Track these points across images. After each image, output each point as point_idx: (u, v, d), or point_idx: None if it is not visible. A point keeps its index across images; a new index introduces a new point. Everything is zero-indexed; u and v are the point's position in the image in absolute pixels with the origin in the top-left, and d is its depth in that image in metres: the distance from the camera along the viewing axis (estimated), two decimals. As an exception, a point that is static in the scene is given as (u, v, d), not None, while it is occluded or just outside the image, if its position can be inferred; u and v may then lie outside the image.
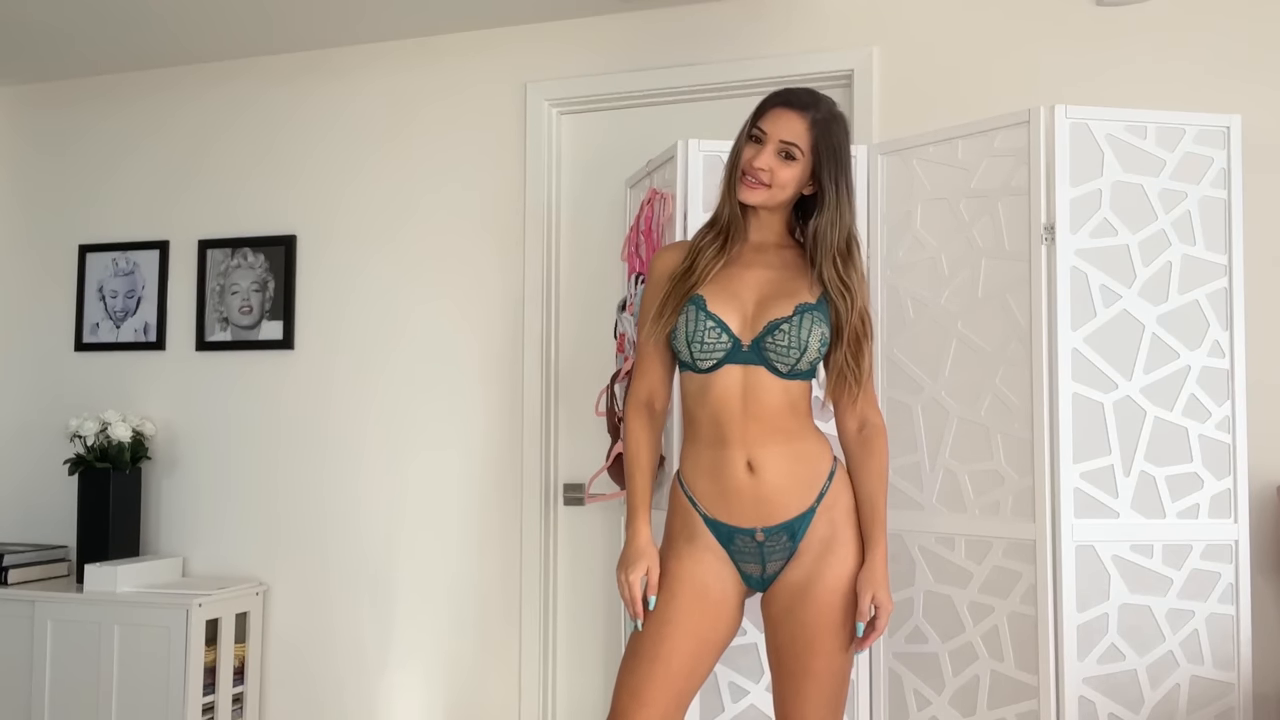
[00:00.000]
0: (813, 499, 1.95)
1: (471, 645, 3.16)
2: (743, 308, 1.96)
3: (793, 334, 1.92)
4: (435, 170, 3.26)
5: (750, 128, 2.00)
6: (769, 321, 1.93)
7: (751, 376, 1.93)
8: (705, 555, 1.97)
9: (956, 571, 2.35)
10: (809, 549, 1.94)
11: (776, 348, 1.92)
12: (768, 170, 1.96)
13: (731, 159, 2.02)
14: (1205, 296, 2.27)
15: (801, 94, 2.00)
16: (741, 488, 1.94)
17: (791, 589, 1.94)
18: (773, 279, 1.99)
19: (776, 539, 1.94)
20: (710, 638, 1.96)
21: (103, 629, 3.07)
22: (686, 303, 1.96)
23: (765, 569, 1.97)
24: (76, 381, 3.58)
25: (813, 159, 1.97)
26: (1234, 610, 2.25)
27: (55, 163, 3.67)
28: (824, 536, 1.94)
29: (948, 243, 2.40)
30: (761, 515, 1.94)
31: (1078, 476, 2.21)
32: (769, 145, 1.96)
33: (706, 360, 1.95)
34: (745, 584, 2.00)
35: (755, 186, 1.98)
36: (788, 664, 1.94)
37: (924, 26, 2.85)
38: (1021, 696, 2.23)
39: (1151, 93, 2.63)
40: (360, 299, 3.31)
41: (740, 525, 1.95)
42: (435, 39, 3.28)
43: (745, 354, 1.94)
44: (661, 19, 3.07)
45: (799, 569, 1.94)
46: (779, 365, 1.93)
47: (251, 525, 3.37)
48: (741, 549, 1.96)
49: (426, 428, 3.23)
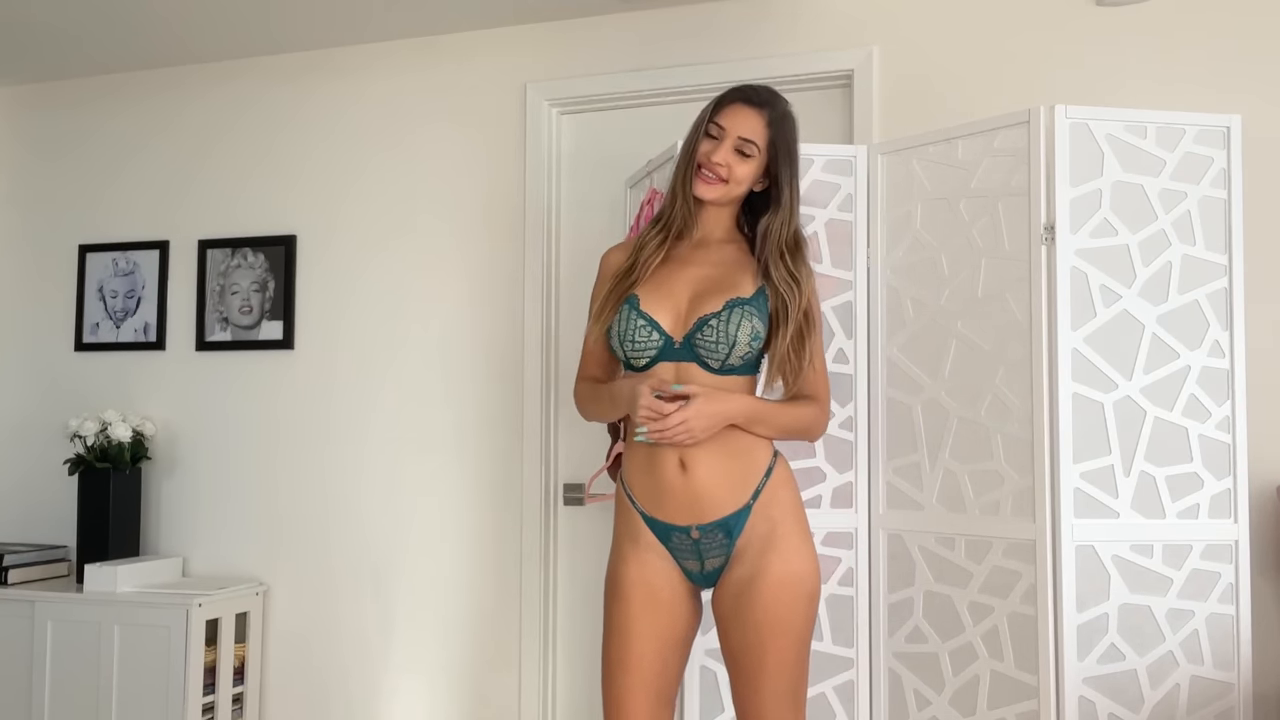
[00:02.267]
0: (748, 496, 1.95)
1: (471, 645, 3.16)
2: (676, 305, 1.98)
3: (721, 329, 1.93)
4: (435, 170, 3.26)
5: (707, 123, 2.01)
6: (699, 318, 1.95)
7: (684, 373, 1.95)
8: (648, 556, 1.99)
9: (956, 571, 2.35)
10: (749, 546, 1.95)
11: (705, 343, 1.94)
12: (725, 166, 1.98)
13: (685, 153, 2.03)
14: (1205, 296, 2.27)
15: (761, 91, 2.03)
16: (674, 486, 1.95)
17: (736, 588, 1.95)
18: (709, 275, 2.01)
19: (712, 537, 1.95)
20: (671, 637, 1.98)
21: (103, 629, 3.07)
22: (622, 302, 1.99)
23: (704, 565, 1.98)
24: (76, 381, 3.58)
25: (768, 156, 2.00)
26: (1234, 610, 2.25)
27: (56, 162, 3.67)
28: (763, 534, 1.94)
29: (948, 243, 2.40)
30: (695, 513, 1.94)
31: (1078, 476, 2.21)
32: (727, 141, 1.98)
33: (639, 358, 1.97)
34: (688, 579, 2.01)
35: (712, 182, 2.00)
36: (741, 663, 1.95)
37: (924, 26, 2.85)
38: (1021, 696, 2.23)
39: (1151, 93, 2.63)
40: (360, 299, 3.31)
41: (676, 523, 1.96)
42: (436, 39, 3.28)
43: (677, 351, 1.96)
44: (662, 19, 3.07)
45: (741, 567, 1.95)
46: (709, 361, 1.94)
47: (251, 525, 3.37)
48: (679, 546, 1.98)
49: (426, 428, 3.23)
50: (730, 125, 1.99)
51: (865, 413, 2.46)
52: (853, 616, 2.43)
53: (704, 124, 2.02)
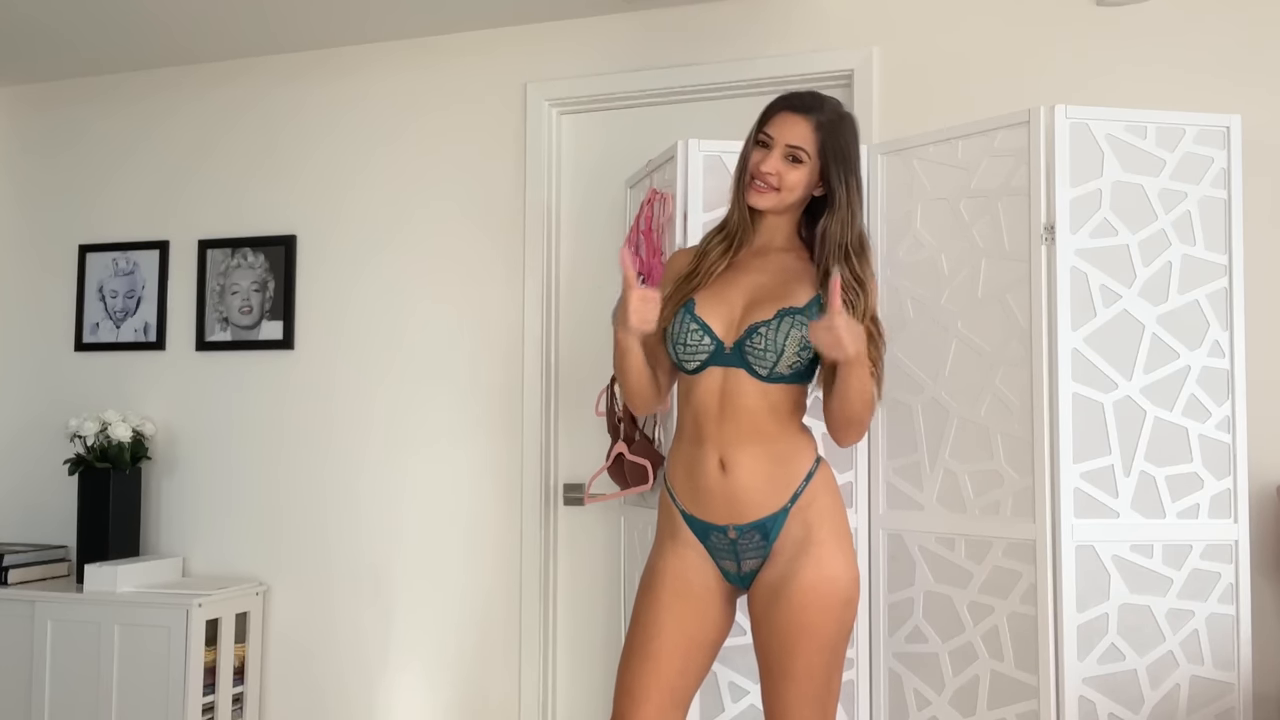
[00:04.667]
0: (786, 499, 1.95)
1: (471, 645, 3.16)
2: (730, 312, 1.99)
3: (770, 337, 1.94)
4: (435, 170, 3.26)
5: (757, 133, 2.03)
6: (750, 325, 1.96)
7: (732, 379, 1.96)
8: (686, 551, 2.00)
9: (956, 571, 2.35)
10: (783, 549, 1.95)
11: (755, 351, 1.95)
12: (775, 174, 1.99)
13: (740, 164, 2.05)
14: (1205, 296, 2.27)
15: (805, 97, 2.03)
16: (713, 485, 1.96)
17: (768, 590, 1.95)
18: (765, 283, 2.02)
19: (749, 537, 1.96)
20: (698, 635, 1.98)
21: (103, 629, 3.07)
22: (680, 305, 2.01)
23: (741, 566, 1.99)
24: (76, 381, 3.58)
25: (820, 161, 1.99)
26: (1234, 610, 2.25)
27: (55, 163, 3.67)
28: (798, 538, 1.94)
29: (948, 243, 2.40)
30: (733, 513, 1.95)
31: (1078, 476, 2.21)
32: (776, 150, 1.99)
33: (690, 361, 1.99)
34: (726, 580, 2.02)
35: (764, 191, 2.01)
36: (769, 664, 1.95)
37: (924, 26, 2.85)
38: (1021, 696, 2.23)
39: (1151, 93, 2.63)
40: (360, 299, 3.31)
41: (714, 522, 1.97)
42: (436, 39, 3.28)
43: (728, 357, 1.97)
44: (661, 19, 3.07)
45: (774, 569, 1.95)
46: (758, 368, 1.95)
47: (251, 525, 3.37)
48: (716, 545, 1.99)
49: (426, 428, 3.22)
50: (778, 134, 1.99)
51: (865, 413, 2.46)
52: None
53: (755, 134, 2.03)
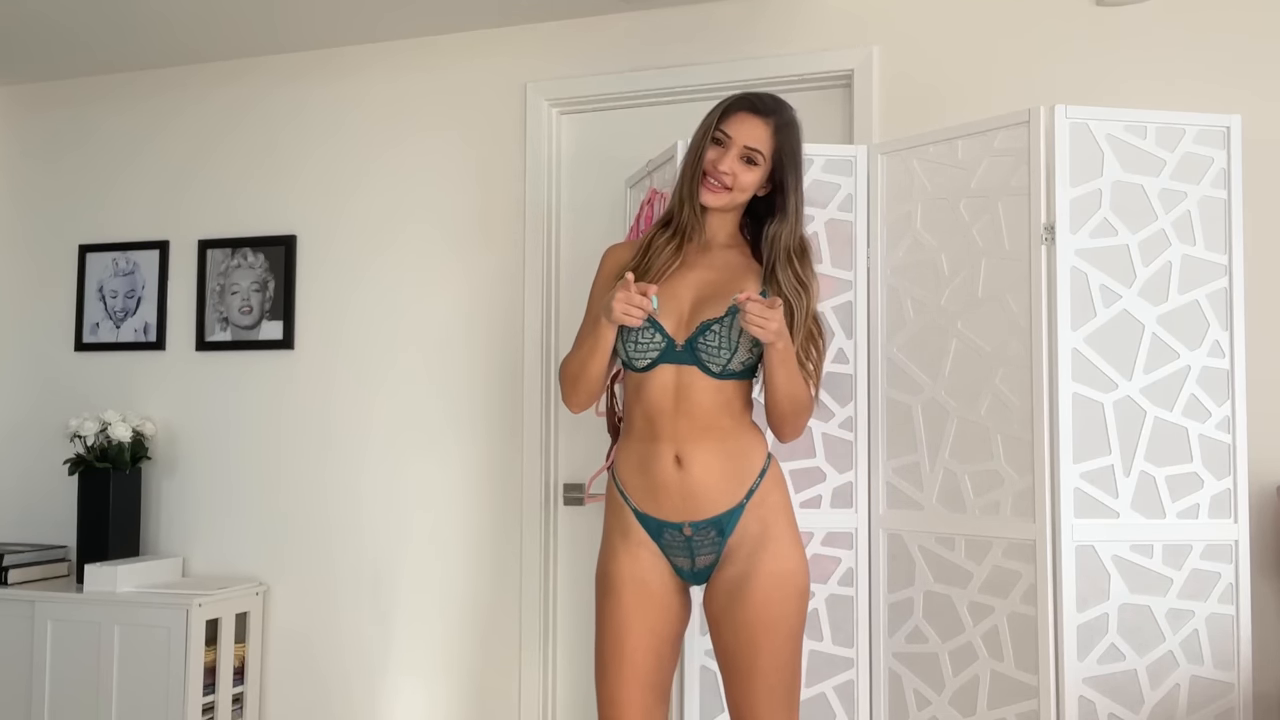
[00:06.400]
0: (742, 495, 1.96)
1: (471, 645, 3.16)
2: (680, 308, 2.00)
3: (723, 334, 1.95)
4: (435, 170, 3.26)
5: (714, 130, 2.01)
6: (701, 322, 1.96)
7: (685, 376, 1.96)
8: (640, 551, 2.00)
9: (956, 571, 2.35)
10: (740, 546, 1.96)
11: (708, 348, 1.95)
12: (731, 174, 1.99)
13: (691, 160, 2.04)
14: (1205, 296, 2.27)
15: (767, 99, 2.04)
16: (669, 482, 1.96)
17: (728, 587, 1.96)
18: (713, 280, 2.02)
19: (704, 534, 1.96)
20: (663, 631, 1.99)
21: (103, 629, 3.07)
22: None
23: (695, 563, 1.99)
24: (76, 381, 3.58)
25: (773, 164, 2.01)
26: (1234, 610, 2.25)
27: (55, 163, 3.67)
28: (755, 534, 1.95)
29: (948, 243, 2.40)
30: (689, 510, 1.96)
31: (1078, 476, 2.21)
32: (732, 149, 1.99)
33: (641, 359, 1.98)
34: (678, 576, 2.02)
35: (717, 190, 2.01)
36: (733, 663, 1.95)
37: (924, 26, 2.85)
38: (1021, 696, 2.23)
39: (1151, 93, 2.63)
40: (360, 299, 3.31)
41: (668, 519, 1.97)
42: (435, 39, 3.28)
43: (679, 354, 1.96)
44: (661, 19, 3.07)
45: (732, 566, 1.96)
46: (711, 365, 1.95)
47: (251, 525, 3.37)
48: (670, 543, 1.99)
49: (426, 427, 3.23)
50: (736, 134, 1.99)
51: (865, 413, 2.46)
52: (853, 616, 2.43)
53: (710, 130, 2.02)
